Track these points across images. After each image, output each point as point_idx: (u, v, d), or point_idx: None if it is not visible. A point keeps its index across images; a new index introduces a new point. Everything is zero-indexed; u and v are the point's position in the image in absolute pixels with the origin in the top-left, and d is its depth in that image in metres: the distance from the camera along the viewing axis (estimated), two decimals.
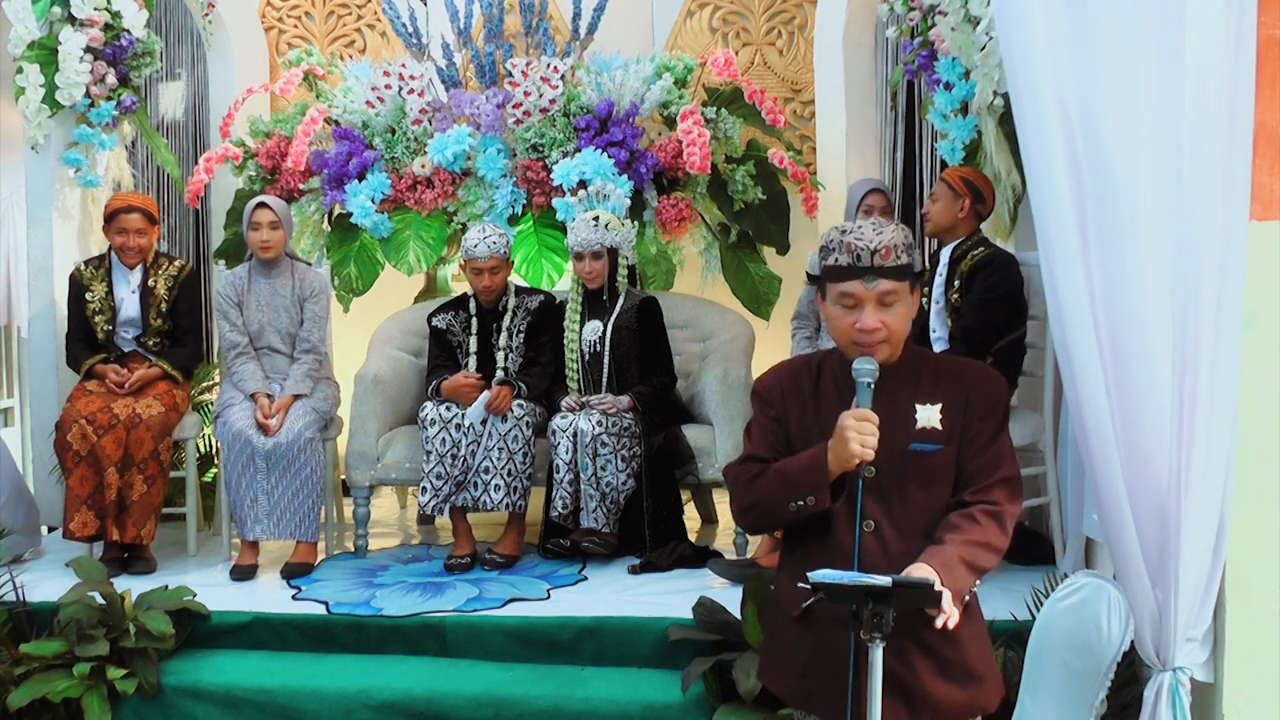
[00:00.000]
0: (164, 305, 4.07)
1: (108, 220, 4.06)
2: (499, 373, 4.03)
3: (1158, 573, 2.17)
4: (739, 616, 3.08)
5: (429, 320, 4.15)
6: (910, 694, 1.96)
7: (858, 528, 1.94)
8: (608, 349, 3.98)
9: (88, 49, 4.28)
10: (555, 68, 4.40)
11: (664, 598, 3.44)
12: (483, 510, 3.86)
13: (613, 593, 3.53)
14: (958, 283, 3.55)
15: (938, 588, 1.80)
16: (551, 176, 4.33)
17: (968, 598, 1.93)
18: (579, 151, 4.33)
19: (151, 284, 4.07)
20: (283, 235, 4.06)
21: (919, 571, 1.84)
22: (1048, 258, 2.14)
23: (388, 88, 4.52)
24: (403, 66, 4.53)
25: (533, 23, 4.81)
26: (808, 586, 1.83)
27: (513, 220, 4.42)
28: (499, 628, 3.33)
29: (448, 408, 3.87)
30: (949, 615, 1.82)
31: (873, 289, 1.92)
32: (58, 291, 4.38)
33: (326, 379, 4.17)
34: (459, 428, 3.85)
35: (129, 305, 4.06)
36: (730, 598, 3.19)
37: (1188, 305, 2.06)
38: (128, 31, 4.36)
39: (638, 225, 4.30)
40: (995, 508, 1.95)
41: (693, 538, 4.05)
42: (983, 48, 3.55)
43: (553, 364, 4.06)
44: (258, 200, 4.07)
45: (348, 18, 5.50)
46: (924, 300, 3.61)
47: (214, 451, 4.41)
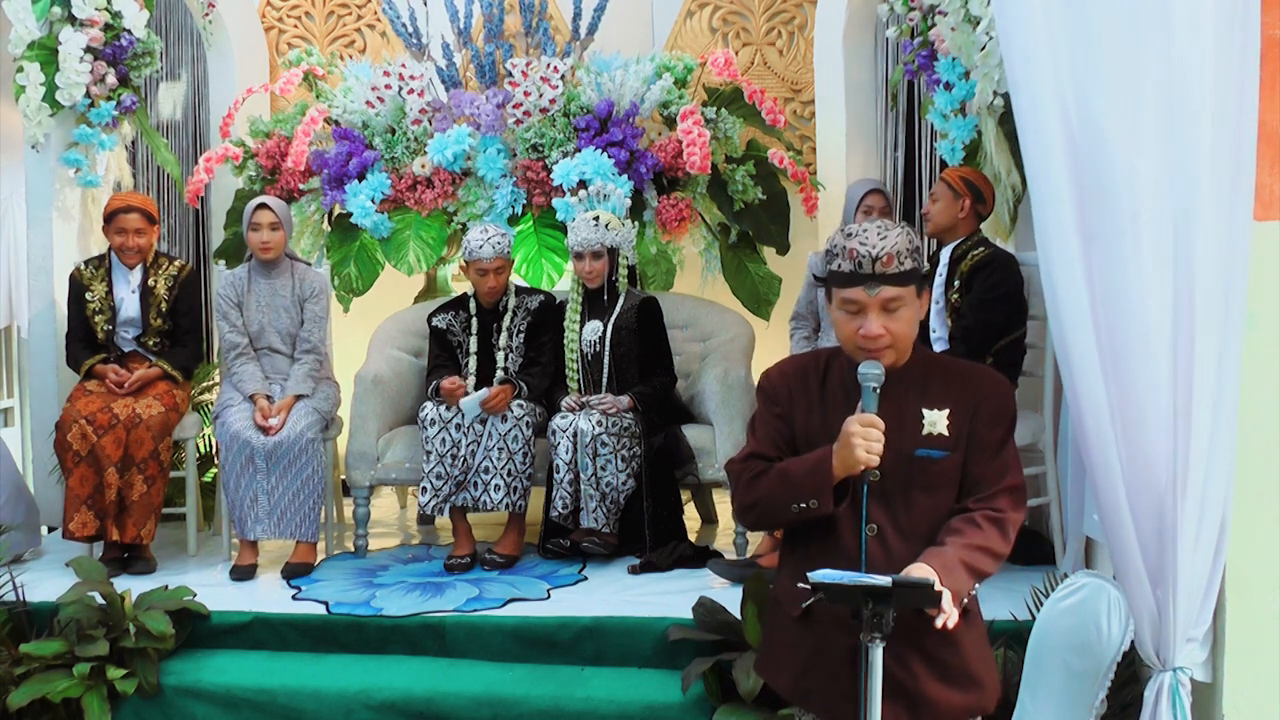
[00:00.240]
0: (164, 305, 4.06)
1: (107, 220, 4.05)
2: (499, 372, 4.03)
3: (1157, 573, 2.16)
4: (739, 616, 3.08)
5: (429, 320, 4.15)
6: (910, 697, 1.95)
7: (862, 532, 1.93)
8: (608, 349, 3.98)
9: (88, 49, 4.27)
10: (555, 68, 4.40)
11: (664, 598, 3.43)
12: (483, 510, 3.86)
13: (613, 593, 3.53)
14: (958, 283, 3.55)
15: (938, 588, 1.79)
16: (551, 176, 4.32)
17: (966, 600, 1.92)
18: (579, 151, 4.32)
19: (151, 284, 4.07)
20: (283, 236, 4.06)
21: (919, 571, 1.83)
22: (1046, 258, 2.13)
23: (388, 88, 4.52)
24: (403, 66, 4.53)
25: (533, 23, 4.80)
26: (808, 587, 1.83)
27: (513, 220, 4.41)
28: (499, 628, 3.32)
29: (448, 408, 3.87)
30: (948, 615, 1.82)
31: (875, 296, 1.90)
32: (58, 291, 4.38)
33: (327, 379, 4.17)
34: (459, 428, 3.85)
35: (129, 305, 4.05)
36: (730, 598, 3.19)
37: (1186, 305, 2.05)
38: (128, 31, 4.36)
39: (638, 225, 4.29)
40: (999, 514, 1.94)
41: (693, 538, 4.05)
42: (983, 48, 3.55)
43: (553, 364, 4.05)
44: (258, 201, 4.06)
45: (348, 18, 5.50)
46: None
47: (214, 451, 4.40)
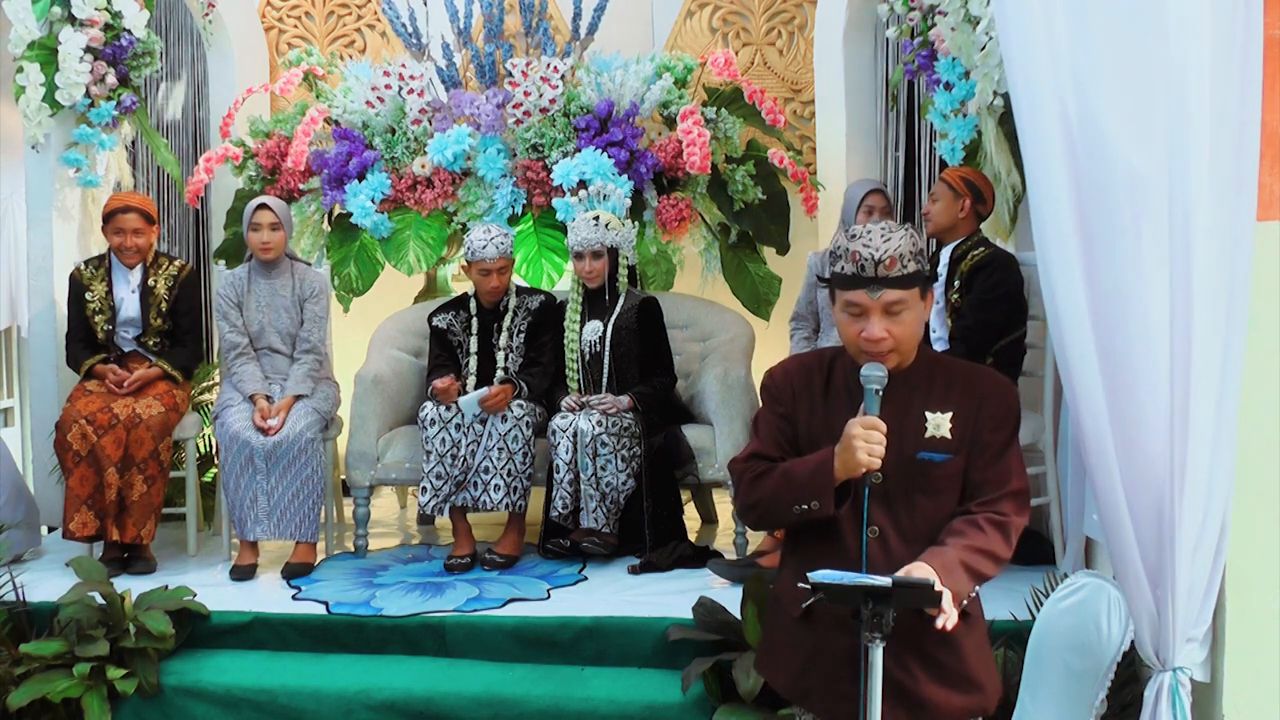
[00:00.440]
0: (164, 305, 4.06)
1: (105, 220, 4.05)
2: (499, 372, 4.02)
3: (1156, 573, 2.16)
4: (739, 616, 3.08)
5: (429, 320, 4.15)
6: (910, 699, 1.95)
7: (863, 534, 1.93)
8: (608, 349, 3.97)
9: (88, 49, 4.27)
10: (555, 68, 4.40)
11: (664, 598, 3.43)
12: (482, 510, 3.86)
13: (613, 593, 3.53)
14: (958, 283, 3.55)
15: (938, 588, 1.79)
16: (551, 176, 4.32)
17: (965, 602, 1.91)
18: (579, 151, 4.32)
19: (151, 284, 4.07)
20: (283, 236, 4.05)
21: (919, 571, 1.82)
22: (1045, 258, 2.12)
23: (388, 88, 4.51)
24: (403, 66, 4.52)
25: (533, 23, 4.80)
26: (807, 586, 1.83)
27: (512, 220, 4.41)
28: (499, 628, 3.32)
29: (448, 408, 3.86)
30: (948, 616, 1.81)
31: (878, 299, 1.89)
32: (58, 291, 4.37)
33: (327, 379, 4.17)
34: (459, 428, 3.85)
35: (129, 305, 4.05)
36: (730, 598, 3.18)
37: (1185, 306, 2.05)
38: (128, 31, 4.36)
39: (638, 225, 4.29)
40: (1002, 518, 1.94)
41: (693, 538, 4.05)
42: (983, 48, 3.54)
43: (553, 364, 4.05)
44: (258, 201, 4.06)
45: (348, 18, 5.50)
46: None
47: (214, 451, 4.40)
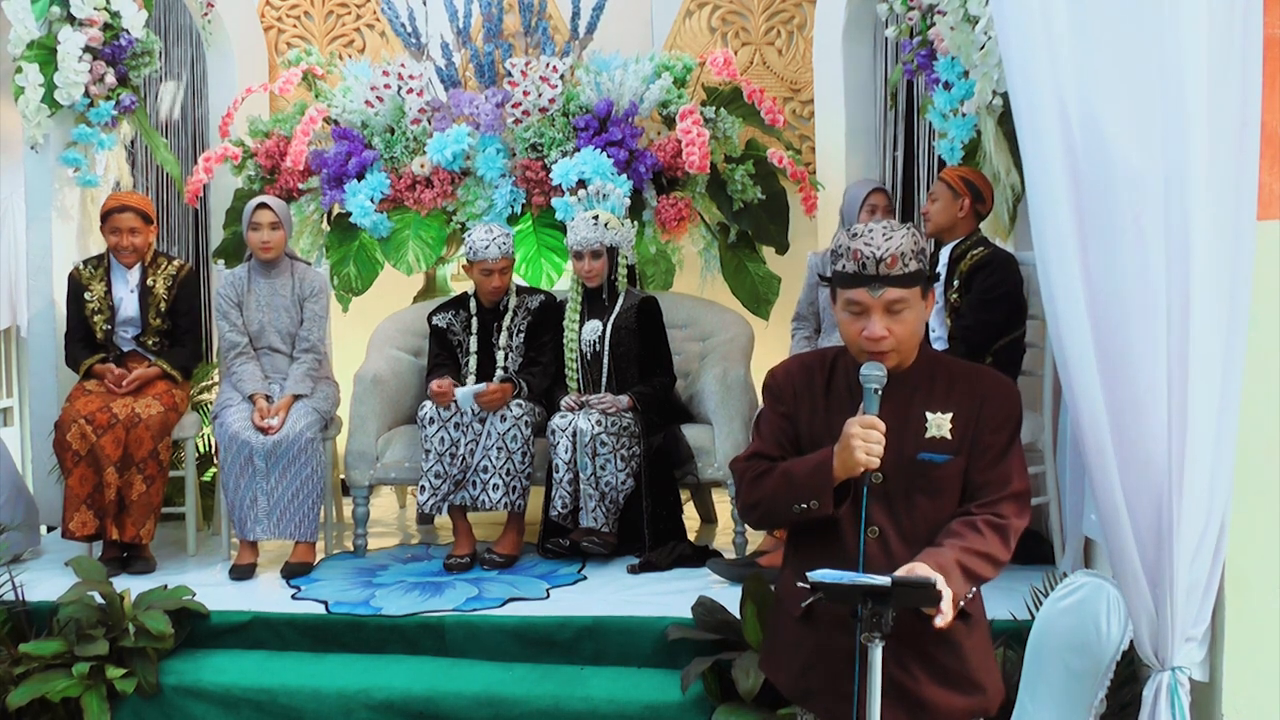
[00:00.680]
0: (163, 305, 4.06)
1: (103, 219, 4.05)
2: (499, 372, 4.02)
3: (1155, 572, 2.14)
4: (738, 616, 3.07)
5: (429, 320, 4.14)
6: (911, 700, 1.95)
7: (862, 533, 1.93)
8: (607, 349, 3.97)
9: (87, 49, 4.27)
10: (554, 67, 4.39)
11: (663, 597, 3.43)
12: (481, 509, 3.85)
13: (612, 592, 3.52)
14: (957, 282, 3.54)
15: (940, 587, 1.78)
16: (551, 176, 4.32)
17: (963, 604, 1.90)
18: (578, 151, 4.32)
19: (150, 283, 4.06)
20: (283, 235, 4.05)
21: (920, 570, 1.81)
22: (1044, 258, 2.11)
23: (387, 87, 4.51)
24: (402, 66, 4.52)
25: (532, 22, 4.79)
26: (807, 586, 1.83)
27: (512, 220, 4.40)
28: (498, 627, 3.32)
29: (447, 407, 3.87)
30: (945, 616, 1.80)
31: (879, 297, 1.89)
32: (57, 291, 4.37)
33: (326, 379, 4.16)
34: (458, 427, 3.85)
35: (128, 305, 4.05)
36: (730, 597, 3.18)
37: (1183, 305, 2.04)
38: (127, 31, 4.36)
39: (637, 225, 4.29)
40: (1001, 520, 1.93)
41: (692, 537, 4.04)
42: (982, 47, 3.53)
43: (553, 364, 4.05)
44: (258, 200, 4.06)
45: (347, 17, 5.49)
46: None
47: (213, 451, 4.40)
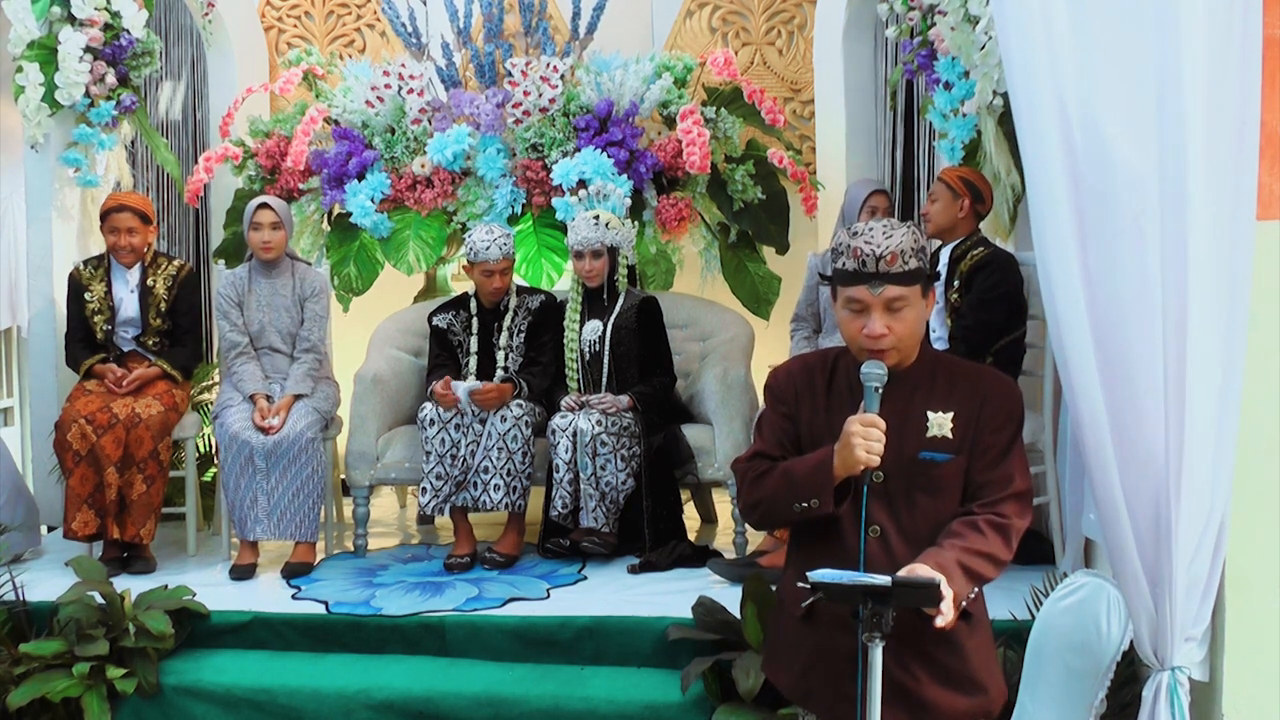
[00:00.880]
0: (163, 305, 4.06)
1: (102, 219, 4.05)
2: (499, 372, 4.02)
3: (1154, 572, 2.14)
4: (739, 616, 3.07)
5: (429, 320, 4.13)
6: (912, 701, 1.94)
7: (862, 533, 1.93)
8: (607, 348, 3.97)
9: (87, 49, 4.27)
10: (555, 67, 4.39)
11: (663, 597, 3.42)
12: (483, 510, 3.85)
13: (612, 592, 3.52)
14: (957, 283, 3.54)
15: (944, 589, 1.77)
16: (551, 176, 4.31)
17: (965, 604, 1.90)
18: (578, 151, 4.31)
19: (150, 284, 4.06)
20: (284, 235, 4.05)
21: (922, 570, 1.81)
22: (1044, 258, 2.11)
23: (387, 87, 4.50)
24: (402, 66, 4.51)
25: (532, 22, 4.78)
26: (807, 586, 1.82)
27: (512, 220, 4.40)
28: (499, 627, 3.31)
29: (449, 409, 3.86)
30: (946, 616, 1.79)
31: (879, 295, 1.89)
32: (57, 291, 4.36)
33: (326, 379, 4.16)
34: (458, 428, 3.84)
35: (128, 305, 4.05)
36: (730, 597, 3.17)
37: (1180, 305, 2.04)
38: (127, 31, 4.35)
39: (637, 225, 4.28)
40: (1003, 520, 1.92)
41: (692, 537, 4.04)
42: (982, 47, 3.53)
43: (554, 364, 4.04)
44: (259, 200, 4.05)
45: (347, 17, 5.49)
46: None
47: (213, 451, 4.40)
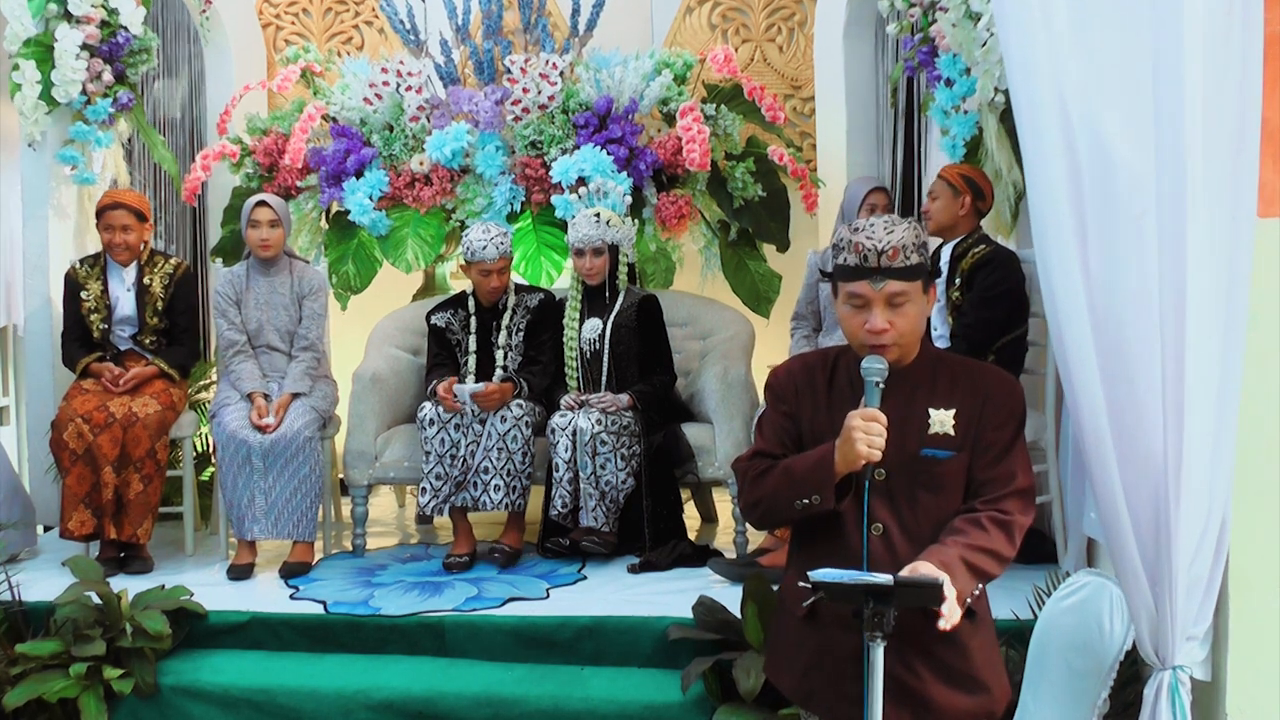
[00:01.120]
0: (160, 304, 4.04)
1: (97, 217, 4.04)
2: (498, 371, 4.00)
3: (1154, 571, 2.12)
4: (739, 616, 3.06)
5: (428, 318, 4.12)
6: (915, 700, 1.93)
7: (864, 531, 1.92)
8: (607, 347, 3.95)
9: (84, 46, 4.26)
10: (554, 64, 4.38)
11: (664, 597, 3.41)
12: (482, 510, 3.84)
13: (612, 592, 3.51)
14: (959, 280, 3.52)
15: (947, 589, 1.77)
16: (550, 174, 4.31)
17: (968, 601, 1.89)
18: (578, 149, 4.31)
19: (147, 282, 4.05)
20: (282, 233, 4.04)
21: (924, 569, 1.80)
22: (1044, 256, 2.10)
23: (385, 84, 4.50)
24: (401, 63, 4.50)
25: (531, 19, 4.78)
26: (809, 585, 1.81)
27: (511, 218, 4.39)
28: (498, 627, 3.30)
29: (446, 408, 3.84)
30: (947, 617, 1.78)
31: (881, 290, 1.89)
32: (54, 289, 4.35)
33: (325, 377, 4.14)
34: (458, 428, 3.83)
35: (124, 303, 4.04)
36: (730, 597, 3.17)
37: (1178, 302, 2.02)
38: (124, 28, 4.35)
39: (637, 223, 4.27)
40: (1005, 517, 1.91)
41: (692, 536, 4.03)
42: (984, 44, 3.52)
43: (553, 363, 4.03)
44: (257, 198, 4.04)
45: (345, 14, 5.48)
46: None
47: (211, 450, 4.39)
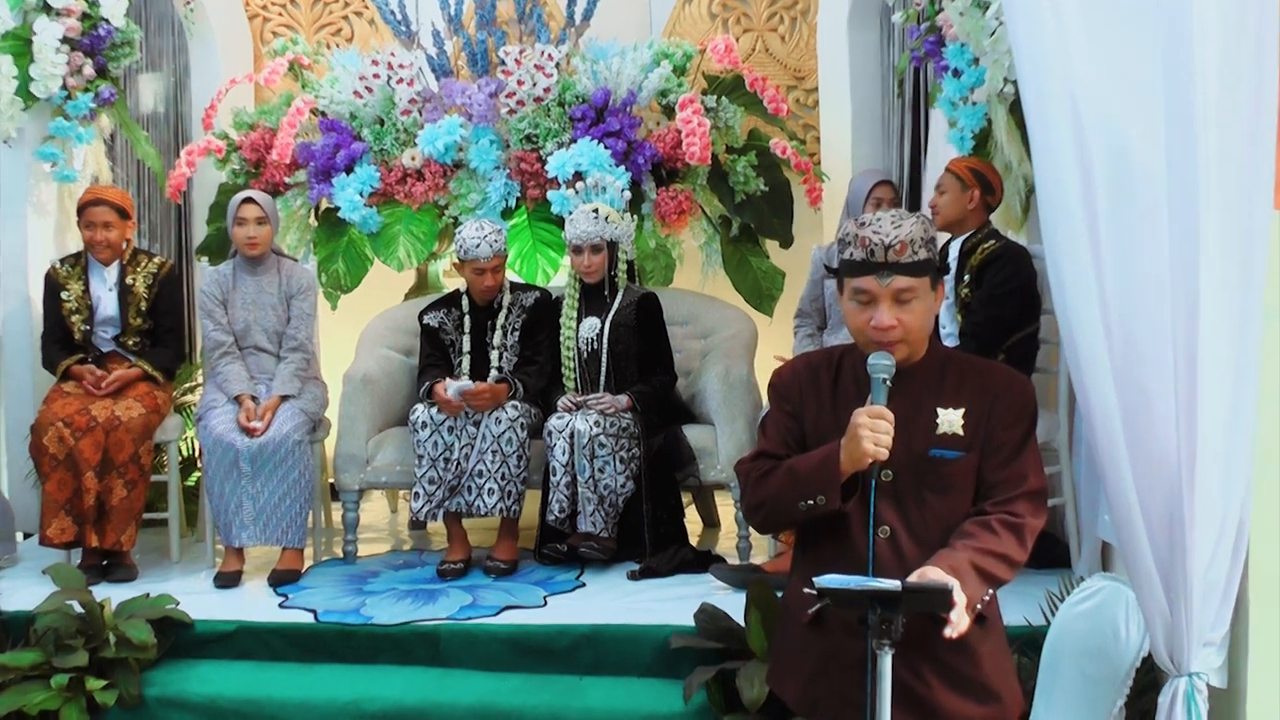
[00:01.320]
0: (143, 304, 4.03)
1: (78, 214, 4.03)
2: (494, 372, 3.96)
3: (1169, 575, 2.12)
4: (742, 624, 3.04)
5: (420, 318, 4.09)
6: (924, 708, 1.91)
7: (870, 533, 1.89)
8: (605, 346, 3.91)
9: (64, 39, 4.25)
10: (550, 55, 4.37)
11: (664, 604, 3.40)
12: (477, 515, 3.81)
13: (611, 599, 3.49)
14: (968, 277, 3.51)
15: (956, 595, 1.74)
16: (546, 168, 4.30)
17: (980, 607, 1.86)
18: (574, 142, 4.29)
19: (130, 282, 4.03)
20: (269, 231, 4.02)
21: (933, 574, 1.78)
22: (1053, 250, 2.10)
23: (376, 77, 4.48)
24: (391, 55, 4.50)
25: (526, 9, 4.77)
26: (813, 592, 1.79)
27: (506, 214, 4.39)
28: (494, 636, 3.29)
29: (439, 410, 3.79)
30: (955, 625, 1.75)
31: (888, 286, 1.88)
32: (33, 290, 4.33)
33: (314, 379, 4.11)
34: (451, 430, 3.78)
35: (106, 304, 4.02)
36: (733, 604, 3.15)
37: (1190, 297, 2.01)
38: (106, 21, 4.34)
39: (636, 219, 4.26)
40: (1017, 520, 1.90)
41: (694, 542, 4.01)
42: (992, 33, 3.49)
43: (549, 363, 4.00)
44: (243, 195, 4.02)
45: (334, 5, 5.51)
46: None
47: (197, 455, 4.37)
